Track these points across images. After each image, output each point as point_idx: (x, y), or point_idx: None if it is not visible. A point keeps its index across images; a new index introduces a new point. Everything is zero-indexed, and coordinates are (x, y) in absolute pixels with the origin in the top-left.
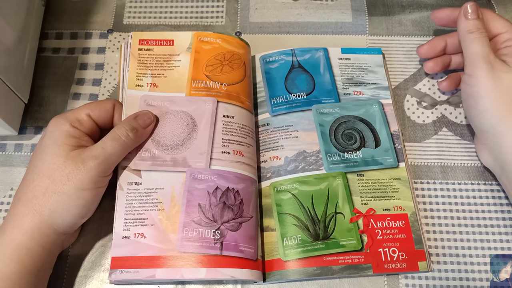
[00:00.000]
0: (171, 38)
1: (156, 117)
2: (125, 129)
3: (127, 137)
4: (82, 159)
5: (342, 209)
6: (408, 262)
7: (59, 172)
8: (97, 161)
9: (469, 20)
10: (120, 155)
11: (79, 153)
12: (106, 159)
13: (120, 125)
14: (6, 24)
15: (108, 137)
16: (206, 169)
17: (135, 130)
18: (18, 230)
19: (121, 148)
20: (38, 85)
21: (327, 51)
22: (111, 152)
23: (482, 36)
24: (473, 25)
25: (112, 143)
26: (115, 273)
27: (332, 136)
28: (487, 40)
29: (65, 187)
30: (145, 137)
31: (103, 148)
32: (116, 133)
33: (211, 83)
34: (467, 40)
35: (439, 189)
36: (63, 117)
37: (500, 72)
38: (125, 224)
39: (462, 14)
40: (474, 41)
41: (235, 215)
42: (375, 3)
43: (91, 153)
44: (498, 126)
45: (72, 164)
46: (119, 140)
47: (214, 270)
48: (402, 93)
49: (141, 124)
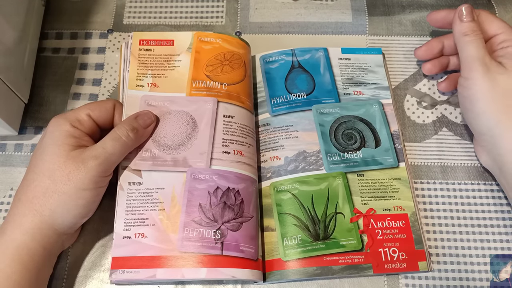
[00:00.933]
0: (172, 38)
1: (157, 117)
2: (125, 129)
3: (127, 137)
4: (82, 159)
5: (342, 209)
6: (408, 262)
7: (60, 172)
8: (98, 161)
9: (464, 23)
10: (121, 155)
11: (80, 153)
12: (107, 159)
13: (121, 125)
14: (6, 24)
15: (108, 137)
16: (207, 169)
17: (136, 130)
18: (18, 230)
19: (122, 148)
20: (38, 85)
21: (327, 51)
22: (112, 152)
23: (477, 38)
24: (468, 27)
25: (113, 143)
26: (116, 273)
27: (332, 136)
28: (483, 42)
29: (65, 187)
30: (145, 137)
31: (104, 148)
32: (116, 133)
33: (212, 83)
34: (462, 42)
35: (439, 189)
36: (63, 117)
37: (496, 74)
38: (125, 224)
39: (457, 17)
40: (469, 44)
41: (236, 215)
42: (375, 3)
43: (92, 153)
44: (495, 128)
45: (72, 164)
46: (120, 140)
47: (215, 270)
48: (402, 93)
49: (142, 124)
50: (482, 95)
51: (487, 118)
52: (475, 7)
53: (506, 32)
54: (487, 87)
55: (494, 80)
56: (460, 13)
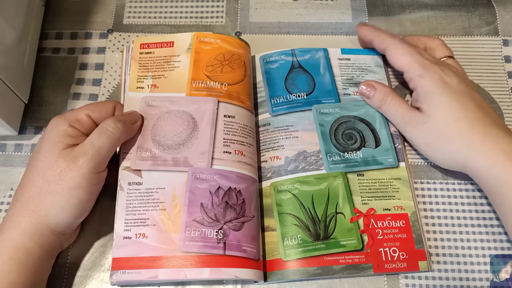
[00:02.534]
0: (171, 40)
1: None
2: (111, 120)
3: (114, 128)
4: (72, 157)
5: (342, 209)
6: (408, 261)
7: (52, 171)
8: (87, 157)
9: (371, 99)
10: (110, 147)
11: (70, 151)
12: (96, 153)
13: (107, 119)
14: (6, 24)
15: (95, 132)
16: (208, 169)
17: (122, 122)
18: (16, 230)
19: (110, 140)
20: (38, 85)
21: (327, 51)
22: (100, 146)
23: (388, 105)
24: (376, 101)
25: (100, 136)
26: (117, 274)
27: (332, 136)
28: (395, 101)
29: (58, 187)
30: (133, 133)
31: (92, 143)
32: (103, 126)
33: (212, 83)
34: (382, 111)
35: (439, 189)
36: (62, 117)
37: (420, 125)
38: (125, 225)
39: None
40: (386, 113)
41: (238, 215)
42: (375, 3)
43: (81, 149)
44: (461, 163)
45: (63, 162)
46: (107, 132)
47: (218, 270)
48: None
49: (128, 119)
50: (424, 147)
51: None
52: (475, 7)
53: (409, 70)
54: (423, 141)
55: (422, 131)
56: (362, 93)
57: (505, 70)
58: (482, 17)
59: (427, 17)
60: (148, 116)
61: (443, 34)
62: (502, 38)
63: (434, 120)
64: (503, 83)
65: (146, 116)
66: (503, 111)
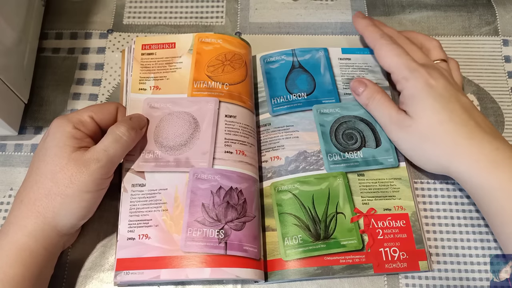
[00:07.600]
0: (173, 41)
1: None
2: (125, 128)
3: (128, 137)
4: (84, 161)
5: (342, 209)
6: (409, 261)
7: (62, 174)
8: (100, 164)
9: (360, 96)
10: (122, 155)
11: (81, 155)
12: (109, 161)
13: (119, 125)
14: (6, 24)
15: (109, 139)
16: (209, 169)
17: (135, 130)
18: (21, 232)
19: (123, 149)
20: (38, 85)
21: (328, 51)
22: (114, 154)
23: (375, 103)
24: (364, 98)
25: (114, 145)
26: (121, 275)
27: (332, 136)
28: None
29: (68, 190)
30: (140, 138)
31: (105, 151)
32: (116, 133)
33: (213, 83)
34: (369, 110)
35: (440, 189)
36: (65, 118)
37: (406, 129)
38: (129, 226)
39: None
40: (373, 112)
41: (239, 215)
42: (375, 3)
43: (94, 156)
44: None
45: (74, 166)
46: (121, 141)
47: (219, 269)
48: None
49: (138, 126)
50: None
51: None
52: (475, 7)
53: (395, 72)
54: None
55: (407, 134)
56: (353, 88)
57: (505, 70)
58: (482, 17)
59: (427, 17)
60: (151, 118)
61: (443, 34)
62: (502, 38)
63: (418, 123)
64: (503, 83)
65: (149, 118)
66: (503, 111)
